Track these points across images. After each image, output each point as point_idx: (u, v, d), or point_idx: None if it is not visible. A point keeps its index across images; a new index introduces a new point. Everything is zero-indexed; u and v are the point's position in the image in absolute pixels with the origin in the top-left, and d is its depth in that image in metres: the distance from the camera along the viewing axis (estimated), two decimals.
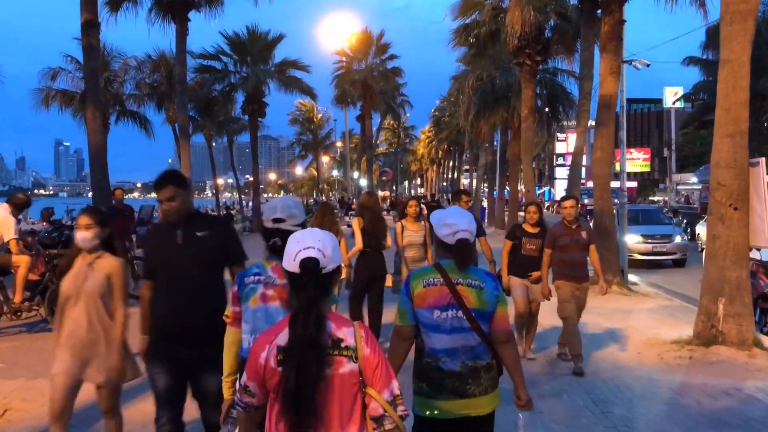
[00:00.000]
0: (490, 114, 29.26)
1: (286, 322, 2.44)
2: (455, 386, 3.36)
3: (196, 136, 42.77)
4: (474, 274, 3.44)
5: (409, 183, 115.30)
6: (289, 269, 2.49)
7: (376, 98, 45.02)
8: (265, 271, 3.54)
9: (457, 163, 65.70)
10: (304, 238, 2.52)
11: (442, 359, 3.37)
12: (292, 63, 34.10)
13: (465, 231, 3.43)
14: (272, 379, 2.39)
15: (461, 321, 3.35)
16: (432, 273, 3.44)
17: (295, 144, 73.46)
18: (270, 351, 2.41)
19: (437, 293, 3.37)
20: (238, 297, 3.53)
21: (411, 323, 3.41)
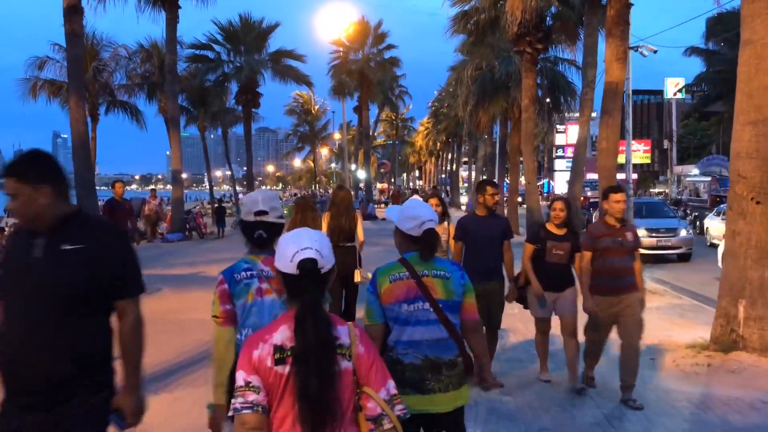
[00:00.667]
0: (489, 104, 28.48)
1: (281, 320, 2.42)
2: (414, 381, 3.30)
3: (192, 127, 42.11)
4: (439, 264, 3.42)
5: (408, 175, 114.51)
6: (286, 270, 2.46)
7: (374, 89, 44.28)
8: (256, 265, 3.47)
9: (456, 155, 64.89)
10: (300, 239, 2.49)
11: (404, 352, 3.33)
12: (287, 53, 33.35)
13: (431, 221, 3.42)
14: (267, 378, 2.32)
15: (428, 313, 3.33)
16: (397, 268, 3.40)
17: (292, 136, 72.69)
18: (264, 349, 2.35)
19: (404, 287, 3.34)
20: (229, 294, 3.42)
21: (380, 321, 3.37)
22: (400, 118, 77.10)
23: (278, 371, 2.33)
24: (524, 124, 23.63)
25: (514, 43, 23.37)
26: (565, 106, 29.27)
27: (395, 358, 3.32)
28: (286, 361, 2.33)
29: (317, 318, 2.34)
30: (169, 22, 25.37)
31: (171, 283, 14.08)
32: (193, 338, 8.74)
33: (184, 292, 12.82)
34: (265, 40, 33.13)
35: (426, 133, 78.38)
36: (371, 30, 42.79)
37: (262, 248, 3.53)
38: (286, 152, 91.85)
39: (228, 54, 33.17)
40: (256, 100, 32.98)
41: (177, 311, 10.85)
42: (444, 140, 68.72)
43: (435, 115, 65.01)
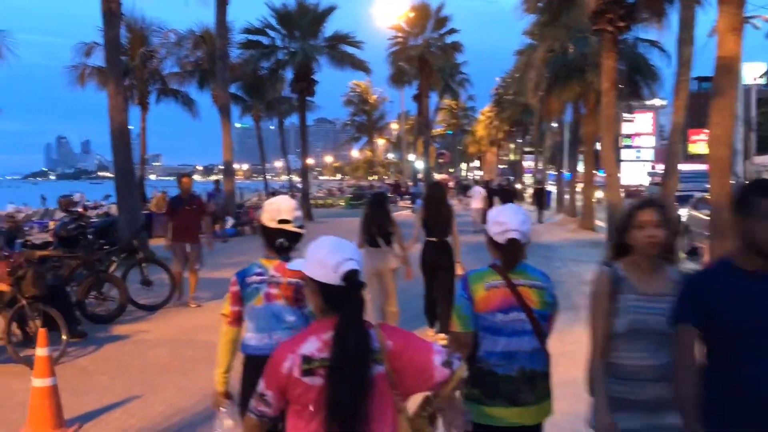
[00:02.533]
0: (562, 89, 26.26)
1: (309, 331, 2.43)
2: (509, 393, 3.19)
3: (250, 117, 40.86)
4: (532, 273, 3.31)
5: (468, 165, 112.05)
6: (328, 281, 2.37)
7: (434, 76, 42.30)
8: (267, 270, 3.54)
9: (520, 144, 62.41)
10: (342, 249, 2.43)
11: (498, 364, 3.20)
12: (343, 37, 31.45)
13: (516, 231, 3.24)
14: (295, 388, 2.33)
15: (523, 324, 3.20)
16: (491, 275, 3.27)
17: (349, 125, 71.16)
18: (293, 361, 2.33)
19: (500, 296, 3.21)
20: (239, 296, 3.55)
21: (472, 329, 3.24)
22: (461, 107, 74.66)
23: (306, 382, 2.32)
24: (604, 109, 21.30)
25: (592, 22, 21.03)
26: (646, 91, 26.85)
27: (488, 370, 3.22)
28: (315, 372, 2.31)
29: (360, 330, 2.32)
30: (220, 4, 23.81)
31: (215, 289, 12.47)
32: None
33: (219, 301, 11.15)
34: (321, 24, 31.33)
35: (488, 121, 75.94)
36: (432, 14, 40.76)
37: (281, 255, 3.55)
38: (343, 142, 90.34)
39: (282, 40, 31.49)
40: (311, 89, 31.23)
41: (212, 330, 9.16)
42: (507, 129, 66.31)
43: (498, 103, 62.56)
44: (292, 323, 3.47)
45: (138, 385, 6.85)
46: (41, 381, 5.49)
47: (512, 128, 63.41)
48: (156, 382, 6.95)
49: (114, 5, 16.06)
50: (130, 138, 19.31)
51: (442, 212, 8.42)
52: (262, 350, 3.35)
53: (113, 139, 16.46)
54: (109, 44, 16.37)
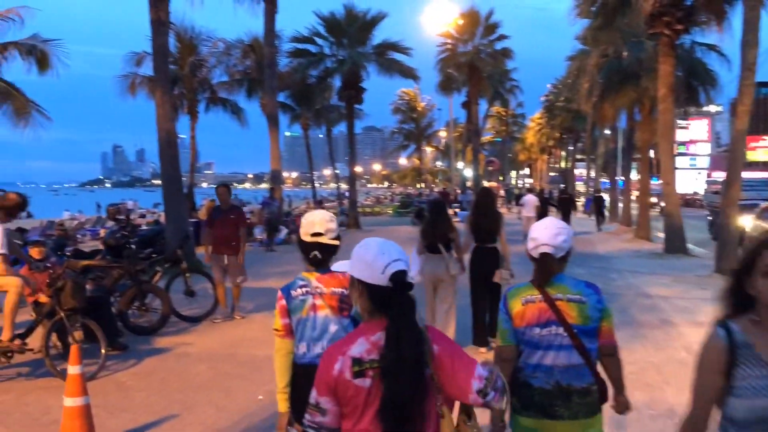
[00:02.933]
0: (616, 95, 25.51)
1: (357, 333, 2.41)
2: (543, 405, 3.18)
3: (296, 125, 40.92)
4: (574, 288, 3.25)
5: (517, 173, 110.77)
6: (375, 283, 2.36)
7: (484, 83, 41.64)
8: (310, 282, 3.58)
9: (571, 151, 61.26)
10: (389, 251, 2.43)
11: (533, 375, 3.21)
12: (391, 45, 31.15)
13: (546, 245, 3.25)
14: (347, 391, 2.31)
15: (562, 338, 3.17)
16: (529, 290, 3.28)
17: (397, 133, 70.84)
18: (344, 363, 2.32)
19: (536, 310, 3.22)
20: (287, 310, 3.58)
21: (512, 342, 3.27)
22: (510, 114, 73.76)
23: (357, 384, 2.30)
24: (661, 116, 20.65)
25: (648, 25, 20.46)
26: (703, 96, 25.93)
27: (523, 381, 3.23)
28: (365, 374, 2.30)
29: (414, 331, 2.29)
30: (268, 12, 23.77)
31: (259, 298, 12.27)
32: (266, 385, 6.69)
33: (264, 313, 10.88)
34: (370, 31, 31.08)
35: (538, 128, 74.90)
36: (481, 20, 40.12)
37: (317, 267, 3.62)
38: (391, 150, 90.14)
39: (330, 48, 31.35)
40: (360, 96, 31.03)
41: (255, 343, 8.88)
42: (558, 136, 65.25)
43: (549, 110, 61.58)
44: (337, 332, 3.49)
45: (176, 403, 6.58)
46: (73, 400, 5.24)
47: (563, 135, 62.37)
48: (195, 400, 6.67)
49: (162, 14, 16.05)
50: (179, 146, 19.29)
51: (491, 218, 8.44)
52: (309, 360, 3.43)
53: (161, 147, 16.43)
54: (157, 52, 16.36)
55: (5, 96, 17.35)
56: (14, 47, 17.57)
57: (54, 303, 7.41)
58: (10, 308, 7.06)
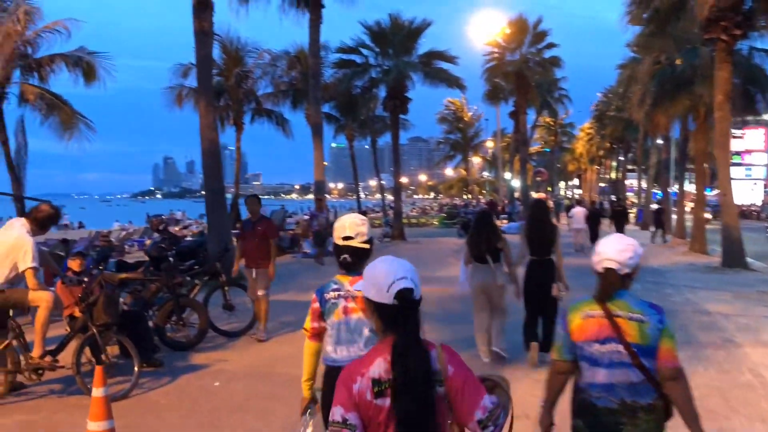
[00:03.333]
0: (669, 103, 24.68)
1: (375, 353, 2.41)
2: (609, 425, 3.16)
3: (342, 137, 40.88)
4: (636, 307, 3.20)
5: (566, 184, 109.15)
6: (381, 301, 2.41)
7: (532, 92, 41.01)
8: (343, 285, 3.65)
9: (622, 161, 59.95)
10: (394, 270, 2.44)
11: (598, 395, 3.20)
12: (437, 54, 30.81)
13: (611, 260, 3.24)
14: (368, 410, 2.34)
15: (621, 356, 3.15)
16: (590, 305, 3.27)
17: (443, 143, 70.32)
18: (364, 384, 2.34)
19: (596, 326, 3.19)
20: (320, 312, 3.66)
21: (568, 357, 3.29)
22: (559, 124, 72.63)
23: (378, 404, 2.33)
24: (717, 124, 19.89)
25: (704, 30, 19.78)
26: (760, 104, 24.95)
27: (589, 402, 3.21)
28: (386, 393, 2.33)
29: (418, 350, 2.33)
30: (312, 23, 23.65)
31: (299, 312, 11.98)
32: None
33: None
34: (415, 40, 30.80)
35: (587, 138, 73.64)
36: (530, 28, 39.58)
37: (349, 270, 3.67)
38: (437, 161, 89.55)
39: (376, 58, 31.14)
40: (405, 106, 30.73)
41: (295, 361, 8.57)
42: (608, 146, 64.01)
43: (599, 119, 60.43)
44: (369, 335, 3.50)
45: (209, 426, 6.28)
46: (97, 425, 4.99)
47: (613, 145, 61.16)
48: (228, 422, 6.36)
49: (206, 24, 15.98)
50: (228, 158, 19.25)
51: (546, 230, 8.28)
52: (341, 362, 3.42)
53: (204, 157, 16.34)
54: (201, 63, 16.30)
55: (52, 107, 17.48)
56: (61, 59, 17.72)
57: (86, 318, 7.20)
58: (40, 324, 6.86)
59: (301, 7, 24.49)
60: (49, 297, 6.88)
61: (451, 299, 11.94)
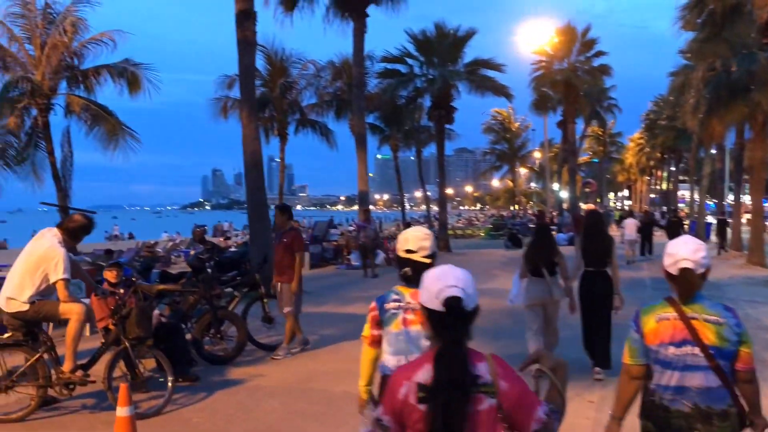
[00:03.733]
0: (725, 110, 23.82)
1: (425, 358, 2.42)
2: (682, 428, 3.11)
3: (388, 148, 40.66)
4: (711, 309, 3.16)
5: (615, 195, 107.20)
6: (431, 306, 2.43)
7: (580, 101, 40.26)
8: (404, 296, 3.69)
9: (674, 171, 58.50)
10: (446, 276, 2.45)
11: (670, 398, 3.15)
12: (483, 62, 30.34)
13: (687, 260, 3.16)
14: (411, 414, 2.35)
15: (697, 358, 3.09)
16: (663, 307, 3.22)
17: (489, 154, 69.54)
18: (409, 388, 2.37)
19: (671, 328, 3.15)
20: (378, 321, 3.73)
21: (642, 361, 3.23)
22: (608, 134, 71.30)
23: (421, 409, 2.33)
24: None
25: (762, 35, 19.04)
26: None
27: (659, 404, 3.18)
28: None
29: (454, 356, 2.32)
30: (356, 32, 23.48)
31: (340, 324, 11.73)
32: (341, 428, 6.02)
33: (347, 341, 10.25)
34: (461, 49, 30.39)
35: (637, 149, 72.16)
36: (578, 36, 38.96)
37: (409, 283, 3.68)
38: (482, 171, 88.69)
39: (421, 67, 30.81)
40: (450, 116, 30.33)
41: (334, 377, 8.24)
42: (658, 156, 62.58)
43: (650, 128, 59.08)
44: (427, 347, 3.19)
45: None
46: None
47: (664, 155, 59.76)
48: None
49: (249, 33, 15.86)
50: (268, 168, 19.08)
51: (601, 242, 8.16)
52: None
53: (246, 168, 16.18)
54: (243, 72, 16.17)
55: (97, 118, 17.53)
56: (106, 70, 17.77)
57: (119, 331, 6.98)
58: (71, 337, 6.65)
59: (345, 16, 24.36)
60: (81, 309, 6.67)
61: (500, 313, 11.54)
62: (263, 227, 16.29)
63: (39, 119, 17.39)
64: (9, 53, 17.62)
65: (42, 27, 17.64)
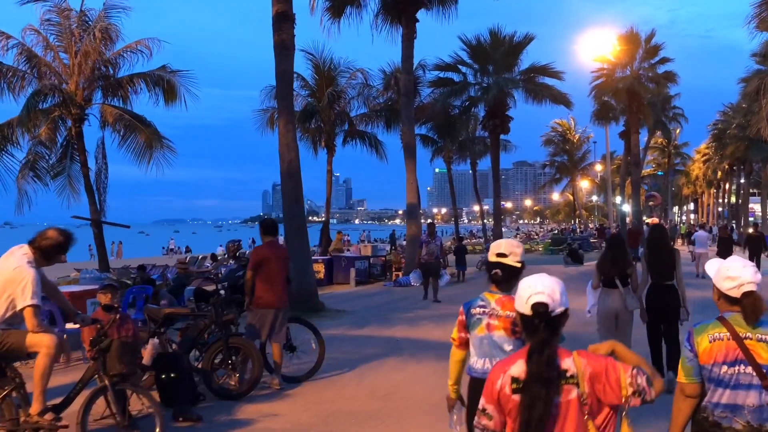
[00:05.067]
0: None
1: (519, 354, 2.74)
2: None
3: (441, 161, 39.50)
4: (764, 328, 3.18)
5: (680, 209, 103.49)
6: (522, 311, 2.76)
7: (644, 109, 38.29)
8: (489, 303, 3.89)
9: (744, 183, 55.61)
10: (535, 284, 2.77)
11: (722, 415, 3.19)
12: (541, 69, 28.96)
13: (751, 283, 3.21)
14: (507, 404, 2.67)
15: (750, 377, 3.14)
16: (717, 327, 3.25)
17: (548, 166, 67.57)
18: (504, 379, 2.69)
19: (724, 348, 3.19)
20: (465, 325, 3.98)
21: (697, 380, 3.27)
22: (673, 145, 68.48)
23: (515, 399, 2.66)
24: None
25: None
26: None
27: (712, 421, 3.22)
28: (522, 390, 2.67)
29: (542, 356, 2.61)
30: (406, 38, 22.40)
31: (382, 346, 10.60)
32: None
33: (378, 370, 9.06)
34: (517, 56, 29.08)
35: (704, 160, 69.21)
36: (641, 42, 37.03)
37: (498, 286, 3.92)
38: (540, 185, 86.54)
39: (475, 75, 29.58)
40: (505, 125, 28.96)
41: (359, 417, 7.07)
42: (726, 167, 59.75)
43: (718, 138, 56.38)
44: (510, 352, 3.65)
45: None
46: None
47: (733, 167, 57.00)
48: None
49: (286, 37, 14.93)
50: (334, 184, 18.07)
51: (665, 255, 8.13)
52: (484, 374, 3.43)
53: (282, 179, 15.21)
54: (281, 77, 15.22)
55: (131, 129, 16.80)
56: (141, 78, 17.08)
57: (98, 366, 5.95)
58: (39, 373, 5.61)
59: (394, 22, 23.34)
60: (51, 342, 5.63)
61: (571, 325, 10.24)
62: (301, 242, 15.28)
63: (73, 130, 16.77)
64: (44, 62, 17.10)
65: (77, 35, 17.06)
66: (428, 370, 9.03)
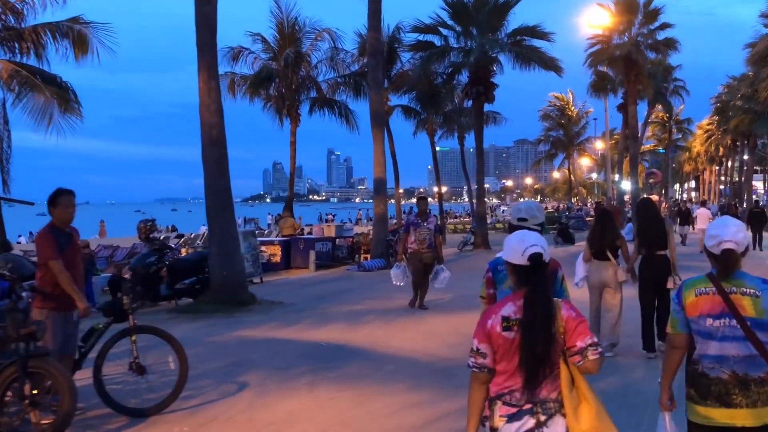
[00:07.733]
0: None
1: (508, 298, 3.15)
2: (720, 394, 3.32)
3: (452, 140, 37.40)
4: (749, 282, 3.36)
5: (681, 186, 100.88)
6: (516, 262, 3.13)
7: (643, 80, 35.65)
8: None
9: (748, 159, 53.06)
10: (528, 238, 3.17)
11: (710, 366, 3.34)
12: (529, 30, 26.11)
13: (729, 241, 3.36)
14: (498, 340, 3.03)
15: (734, 330, 3.30)
16: (704, 282, 3.42)
17: (542, 141, 64.90)
18: (495, 319, 3.05)
19: (709, 302, 3.35)
20: (493, 281, 4.34)
21: (683, 331, 3.42)
22: (675, 120, 65.52)
23: (505, 336, 3.03)
24: None
25: None
26: None
27: (700, 371, 3.36)
28: (512, 328, 3.04)
29: (544, 297, 3.04)
30: None
31: (294, 356, 8.23)
32: None
33: (268, 395, 6.67)
34: (503, 18, 26.21)
35: (706, 136, 66.61)
36: (639, 6, 34.32)
37: None
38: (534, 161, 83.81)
39: (457, 39, 26.81)
40: (490, 93, 26.24)
41: None
42: (729, 143, 57.23)
43: (721, 111, 53.67)
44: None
45: None
46: None
47: (736, 142, 54.48)
48: None
49: None
50: (335, 162, 15.47)
51: (655, 225, 8.42)
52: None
53: (203, 147, 12.76)
54: (201, 23, 12.67)
55: (29, 86, 14.17)
56: (46, 28, 14.49)
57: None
58: None
59: None
60: None
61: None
62: (226, 221, 12.89)
63: None
64: None
65: None
66: (325, 399, 6.69)
